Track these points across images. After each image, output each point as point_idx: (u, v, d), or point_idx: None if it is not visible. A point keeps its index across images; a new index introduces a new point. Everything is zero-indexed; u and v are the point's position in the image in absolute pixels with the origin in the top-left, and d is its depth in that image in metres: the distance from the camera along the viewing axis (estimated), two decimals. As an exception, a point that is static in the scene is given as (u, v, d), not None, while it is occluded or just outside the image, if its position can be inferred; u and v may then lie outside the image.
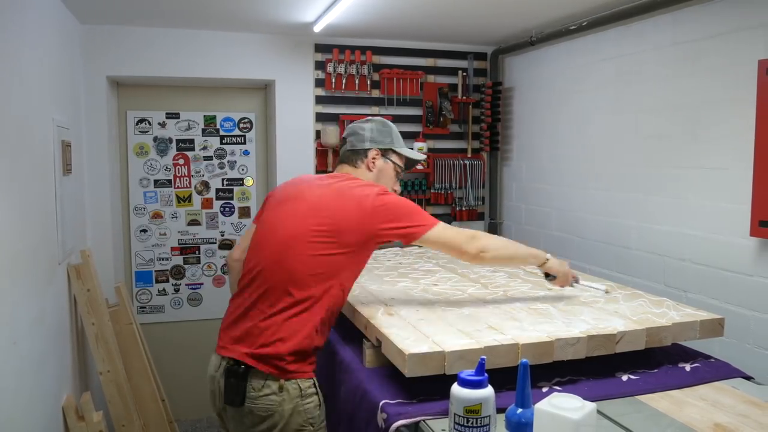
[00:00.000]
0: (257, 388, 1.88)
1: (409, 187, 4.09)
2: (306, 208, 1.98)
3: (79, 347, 3.08)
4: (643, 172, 2.99)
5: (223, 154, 4.05)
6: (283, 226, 1.99)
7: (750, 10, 2.40)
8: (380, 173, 2.17)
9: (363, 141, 2.16)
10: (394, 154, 2.21)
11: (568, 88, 3.55)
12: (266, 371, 1.87)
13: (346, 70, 3.92)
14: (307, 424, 1.91)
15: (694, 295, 2.68)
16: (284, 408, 1.87)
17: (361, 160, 2.16)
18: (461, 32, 3.80)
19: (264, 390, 1.87)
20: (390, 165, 2.19)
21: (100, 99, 3.56)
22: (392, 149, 2.20)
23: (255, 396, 1.87)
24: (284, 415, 1.88)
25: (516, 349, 1.70)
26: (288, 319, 1.89)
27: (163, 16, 3.34)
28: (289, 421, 1.89)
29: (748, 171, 2.36)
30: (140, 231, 3.94)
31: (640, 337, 1.85)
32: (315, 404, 1.93)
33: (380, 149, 2.17)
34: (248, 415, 1.90)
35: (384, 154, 2.18)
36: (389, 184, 2.19)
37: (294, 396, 1.88)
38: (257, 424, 1.90)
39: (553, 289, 2.28)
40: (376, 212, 1.93)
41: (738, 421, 1.55)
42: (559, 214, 3.65)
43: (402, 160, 2.25)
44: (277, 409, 1.88)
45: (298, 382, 1.89)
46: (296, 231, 1.95)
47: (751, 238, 2.38)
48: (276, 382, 1.87)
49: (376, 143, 2.17)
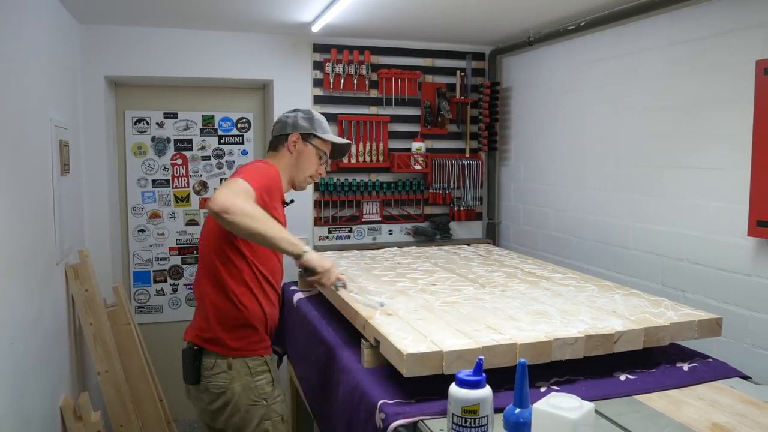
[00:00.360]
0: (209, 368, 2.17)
1: (407, 187, 4.09)
2: None
3: (77, 347, 3.07)
4: (640, 172, 2.99)
5: (221, 154, 4.04)
6: None
7: (748, 11, 2.40)
8: (300, 155, 2.39)
9: (285, 127, 2.41)
10: (316, 139, 2.41)
11: (566, 88, 3.55)
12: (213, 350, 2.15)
13: (345, 70, 3.92)
14: (260, 399, 2.19)
15: (692, 295, 2.68)
16: (234, 386, 2.14)
17: (282, 144, 2.39)
18: (459, 32, 3.80)
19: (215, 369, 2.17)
20: (311, 148, 2.40)
21: (98, 99, 3.55)
22: (314, 134, 2.40)
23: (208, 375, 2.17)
24: (235, 392, 2.16)
25: (514, 349, 1.70)
26: (213, 299, 2.18)
27: (161, 15, 3.34)
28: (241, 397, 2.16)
29: (746, 171, 2.36)
30: (138, 231, 3.94)
31: (638, 337, 1.85)
32: (267, 381, 2.20)
33: (301, 134, 2.38)
34: (204, 392, 2.21)
35: (305, 138, 2.39)
36: (311, 166, 2.41)
37: (243, 374, 2.14)
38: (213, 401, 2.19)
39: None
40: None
41: (736, 421, 1.55)
42: (557, 214, 3.66)
43: (326, 145, 2.45)
44: (229, 386, 2.15)
45: (246, 360, 2.15)
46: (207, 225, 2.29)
47: (749, 238, 2.38)
48: (224, 361, 2.16)
49: (297, 128, 2.39)
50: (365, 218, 4.07)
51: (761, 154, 2.28)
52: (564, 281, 2.50)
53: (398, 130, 4.08)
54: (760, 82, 2.28)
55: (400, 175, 4.11)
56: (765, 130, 2.26)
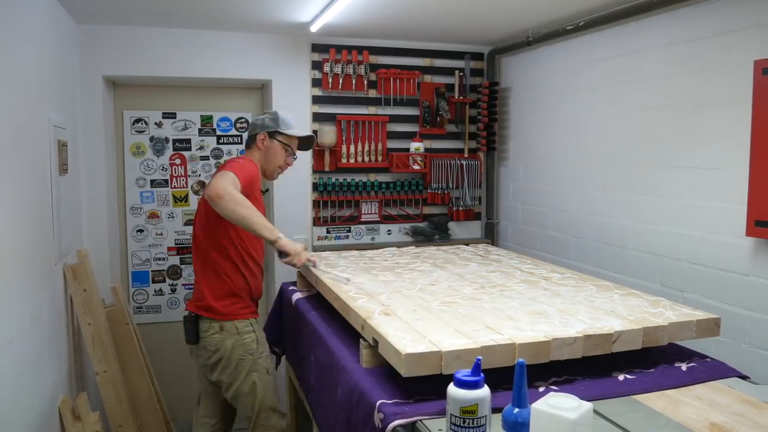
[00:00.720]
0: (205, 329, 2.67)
1: (406, 187, 4.09)
2: None
3: (76, 348, 3.07)
4: (639, 172, 2.99)
5: (219, 153, 4.04)
6: None
7: (746, 11, 2.40)
8: (268, 151, 2.83)
9: (255, 128, 2.85)
10: (281, 135, 2.83)
11: (564, 88, 3.55)
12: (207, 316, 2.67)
13: (343, 70, 3.92)
14: (247, 354, 2.66)
15: (691, 295, 2.68)
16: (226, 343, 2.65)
17: (253, 142, 2.84)
18: (458, 32, 3.80)
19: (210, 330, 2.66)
20: (276, 144, 2.83)
21: (96, 99, 3.55)
22: (278, 131, 2.82)
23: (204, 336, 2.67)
24: (227, 348, 2.65)
25: (513, 349, 1.70)
26: (206, 273, 2.69)
27: (159, 15, 3.34)
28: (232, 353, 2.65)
29: (744, 171, 2.36)
30: (137, 231, 3.94)
31: (636, 337, 1.86)
32: (252, 339, 2.68)
33: (267, 132, 2.81)
34: (203, 350, 2.71)
35: (271, 135, 2.82)
36: (278, 159, 2.85)
37: (232, 333, 2.65)
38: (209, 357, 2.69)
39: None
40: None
41: (734, 421, 1.55)
42: (556, 214, 3.66)
43: (291, 140, 2.88)
44: (221, 344, 2.65)
45: (234, 323, 2.66)
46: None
47: (747, 238, 2.38)
48: (217, 324, 2.65)
49: (264, 128, 2.82)
50: (364, 218, 4.07)
51: (759, 154, 2.28)
52: (563, 281, 2.50)
53: (397, 130, 4.08)
54: (758, 82, 2.28)
55: (399, 175, 4.11)
56: (763, 130, 2.26)
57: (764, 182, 2.26)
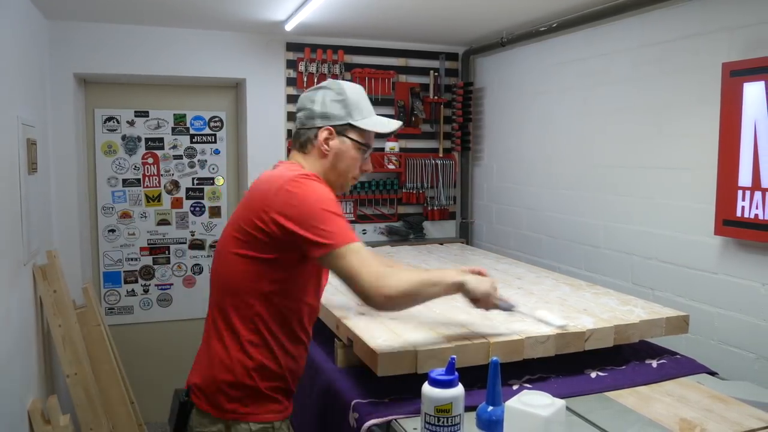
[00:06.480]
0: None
1: (381, 186, 4.09)
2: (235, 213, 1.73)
3: (46, 350, 3.02)
4: (610, 172, 3.03)
5: (193, 153, 4.00)
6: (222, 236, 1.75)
7: (715, 14, 2.45)
8: (337, 157, 1.74)
9: (313, 117, 1.76)
10: (354, 131, 1.76)
11: (537, 88, 3.58)
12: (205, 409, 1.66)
13: (318, 69, 3.91)
14: None
15: (661, 293, 2.73)
16: None
17: (311, 144, 1.75)
18: (433, 32, 3.81)
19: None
20: (349, 144, 1.75)
21: (66, 96, 3.49)
22: (350, 123, 1.75)
23: None
24: None
25: (487, 348, 1.71)
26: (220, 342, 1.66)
27: (131, 12, 3.29)
28: None
29: (713, 171, 2.41)
30: (108, 231, 3.88)
31: (608, 335, 1.88)
32: None
33: (333, 126, 1.74)
34: None
35: (340, 132, 1.74)
36: (352, 167, 1.78)
37: None
38: None
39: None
40: (278, 195, 1.58)
41: (703, 416, 1.58)
42: (530, 213, 3.69)
43: (368, 135, 1.79)
44: None
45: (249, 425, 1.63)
46: (224, 237, 1.72)
47: (716, 236, 2.43)
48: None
49: (328, 119, 1.74)
50: (339, 218, 4.05)
51: (727, 154, 2.32)
52: (536, 280, 2.53)
53: (372, 129, 4.07)
54: (726, 84, 2.32)
55: (374, 175, 4.11)
56: (731, 131, 2.31)
57: (731, 182, 2.31)
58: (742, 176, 2.27)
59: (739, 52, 2.33)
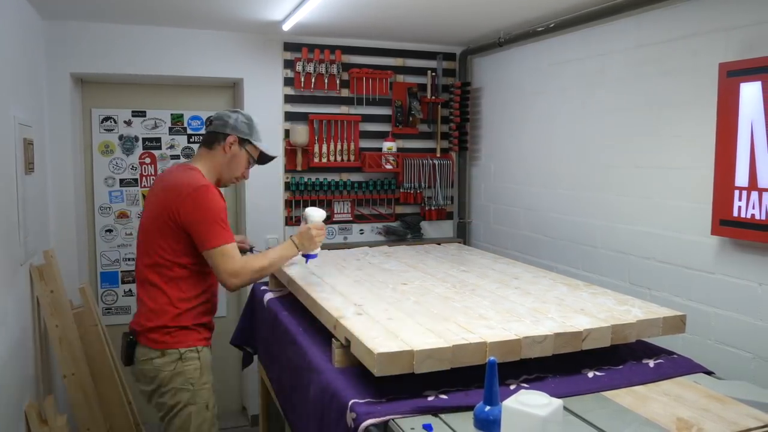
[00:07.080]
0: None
1: (378, 186, 4.09)
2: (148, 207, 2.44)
3: (43, 350, 3.01)
4: (608, 171, 3.03)
5: (190, 153, 4.00)
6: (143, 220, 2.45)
7: (711, 14, 2.46)
8: (233, 158, 2.47)
9: (226, 126, 2.46)
10: (251, 146, 2.50)
11: (535, 88, 3.59)
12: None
13: (316, 69, 3.91)
14: (188, 383, 2.33)
15: (658, 293, 2.73)
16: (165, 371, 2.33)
17: (219, 143, 2.46)
18: (430, 32, 3.81)
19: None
20: (244, 154, 2.50)
21: (63, 96, 3.49)
22: (250, 140, 2.49)
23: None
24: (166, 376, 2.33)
25: (484, 348, 1.71)
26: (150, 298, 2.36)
27: (128, 12, 3.29)
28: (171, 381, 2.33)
29: (710, 171, 2.41)
30: (106, 231, 3.88)
31: (605, 335, 1.88)
32: (195, 367, 2.35)
33: (239, 137, 2.46)
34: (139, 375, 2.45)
35: (241, 142, 2.47)
36: (239, 169, 2.51)
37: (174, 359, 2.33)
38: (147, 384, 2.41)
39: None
40: (186, 200, 2.26)
41: (699, 416, 1.58)
42: (527, 213, 3.69)
43: (257, 152, 2.54)
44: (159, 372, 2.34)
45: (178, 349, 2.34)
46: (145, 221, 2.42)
47: (713, 236, 2.43)
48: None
49: (237, 131, 2.46)
50: (336, 218, 4.06)
51: (724, 154, 2.33)
52: (534, 280, 2.53)
53: (369, 129, 4.08)
54: (723, 84, 2.33)
55: (372, 175, 4.11)
56: (727, 131, 2.31)
57: (728, 182, 2.31)
58: (739, 176, 2.27)
59: (736, 52, 2.34)
